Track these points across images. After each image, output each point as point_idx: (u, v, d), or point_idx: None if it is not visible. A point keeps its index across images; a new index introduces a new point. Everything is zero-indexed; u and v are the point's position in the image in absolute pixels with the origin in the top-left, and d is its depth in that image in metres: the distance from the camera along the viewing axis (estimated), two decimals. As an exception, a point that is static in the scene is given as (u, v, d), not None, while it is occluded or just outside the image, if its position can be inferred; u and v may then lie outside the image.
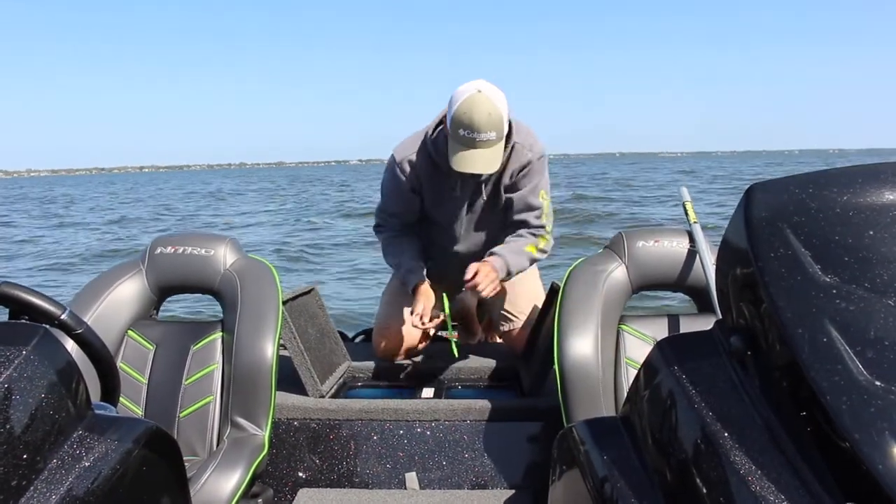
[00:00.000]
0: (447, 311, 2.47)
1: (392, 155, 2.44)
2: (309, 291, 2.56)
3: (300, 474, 2.16)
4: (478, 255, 2.50)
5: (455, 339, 2.48)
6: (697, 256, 2.14)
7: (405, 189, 2.42)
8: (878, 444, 0.67)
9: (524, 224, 2.44)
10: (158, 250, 2.19)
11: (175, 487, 1.09)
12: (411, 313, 2.38)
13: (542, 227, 2.45)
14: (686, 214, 2.33)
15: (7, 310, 1.14)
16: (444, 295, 2.52)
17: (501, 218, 2.51)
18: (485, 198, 2.44)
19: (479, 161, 2.16)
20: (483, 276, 2.26)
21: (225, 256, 2.17)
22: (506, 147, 2.28)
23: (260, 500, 1.95)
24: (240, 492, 1.76)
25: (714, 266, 1.92)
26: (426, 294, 2.44)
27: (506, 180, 2.41)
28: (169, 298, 2.30)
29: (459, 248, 2.58)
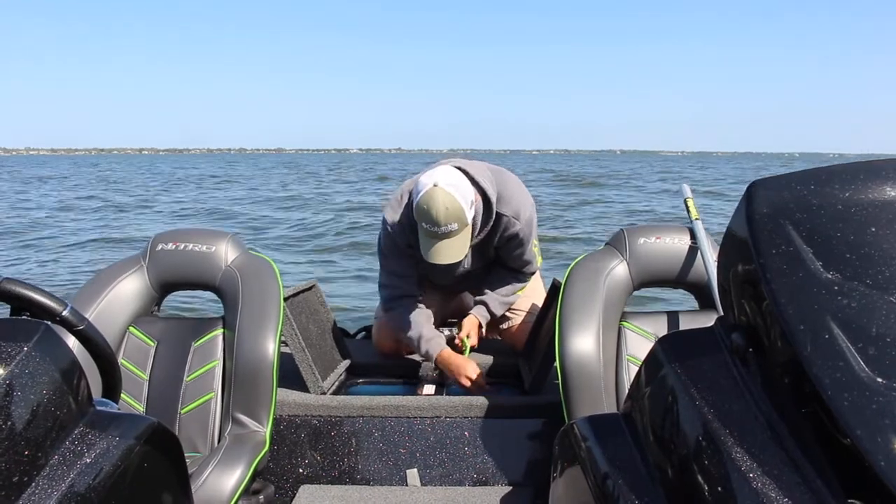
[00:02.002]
0: (466, 351, 2.48)
1: (384, 217, 2.41)
2: (310, 288, 2.56)
3: (301, 471, 2.16)
4: (469, 283, 2.65)
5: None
6: (699, 253, 2.14)
7: (402, 247, 2.40)
8: (880, 441, 0.67)
9: (519, 272, 2.58)
10: (159, 247, 2.19)
11: (176, 484, 1.09)
12: (460, 376, 2.35)
13: (535, 272, 2.63)
14: (687, 211, 2.33)
15: (8, 306, 1.14)
16: (464, 340, 2.52)
17: (491, 262, 2.60)
18: (469, 260, 2.49)
19: (446, 252, 2.19)
20: (472, 332, 2.52)
21: (226, 253, 2.17)
22: (487, 222, 2.31)
23: (261, 497, 1.95)
24: (241, 488, 1.76)
25: (715, 262, 1.92)
26: (457, 357, 2.40)
27: (494, 242, 2.44)
28: (170, 295, 2.30)
29: (453, 284, 2.64)
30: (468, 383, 2.31)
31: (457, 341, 2.49)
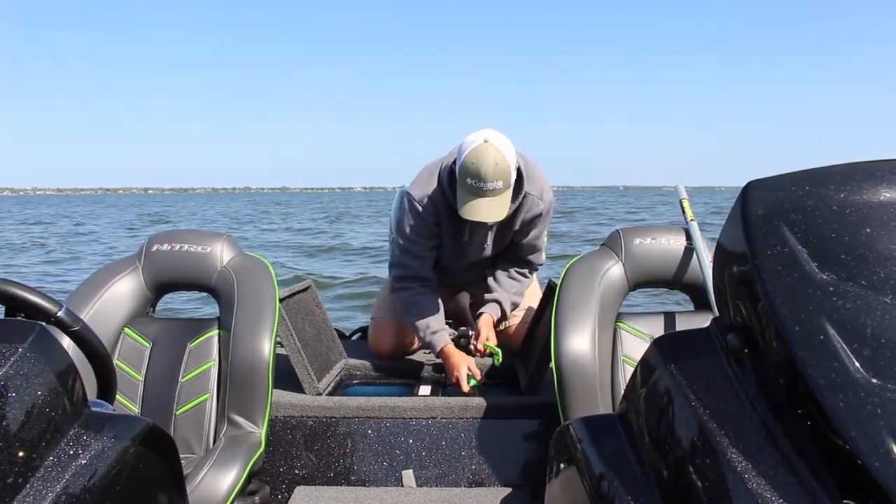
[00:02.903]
0: (498, 357, 2.45)
1: (408, 193, 2.40)
2: (306, 289, 2.55)
3: (297, 472, 2.16)
4: (477, 274, 2.63)
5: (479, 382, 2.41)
6: (694, 254, 2.14)
7: (430, 225, 2.39)
8: (875, 441, 0.67)
9: (528, 263, 2.60)
10: (155, 247, 2.19)
11: (172, 485, 1.09)
12: (457, 378, 2.34)
13: (542, 264, 2.64)
14: (683, 212, 2.33)
15: (3, 307, 1.13)
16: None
17: (504, 250, 2.61)
18: (490, 242, 2.51)
19: (486, 210, 2.20)
20: (490, 334, 2.48)
21: (221, 253, 2.17)
22: (516, 196, 2.32)
23: (257, 498, 1.95)
24: (236, 489, 1.76)
25: (711, 263, 1.93)
26: (458, 354, 2.40)
27: (515, 226, 2.45)
28: (165, 296, 2.29)
29: (460, 270, 2.62)
30: (462, 381, 2.31)
31: (478, 346, 2.43)
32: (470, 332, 2.51)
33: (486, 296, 2.56)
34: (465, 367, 2.32)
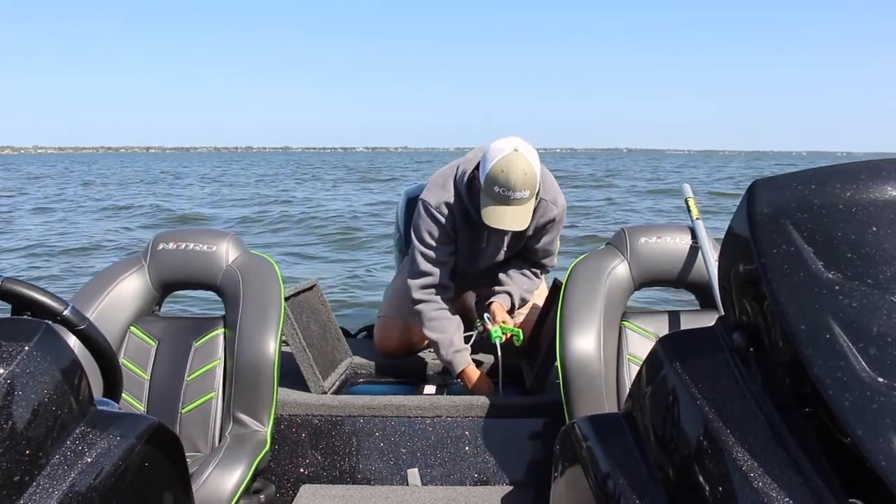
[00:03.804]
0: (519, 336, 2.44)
1: (425, 202, 2.38)
2: (311, 287, 2.56)
3: (302, 470, 2.16)
4: (488, 277, 2.62)
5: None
6: (700, 253, 2.14)
7: (448, 230, 2.39)
8: (881, 441, 0.67)
9: (540, 266, 2.61)
10: (160, 246, 2.19)
11: (177, 483, 1.09)
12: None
13: (553, 267, 2.65)
14: (689, 211, 2.33)
15: (10, 306, 1.14)
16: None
17: (517, 253, 2.61)
18: (505, 248, 2.52)
19: (511, 218, 2.21)
20: (503, 315, 2.46)
21: (227, 252, 2.17)
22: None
23: (262, 497, 1.95)
24: (242, 488, 1.76)
25: (716, 262, 1.92)
26: (478, 375, 2.39)
27: (529, 231, 2.46)
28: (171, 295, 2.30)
29: (473, 274, 2.62)
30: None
31: (496, 321, 2.41)
32: (481, 321, 2.48)
33: (497, 288, 2.56)
34: (484, 388, 2.33)
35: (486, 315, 2.46)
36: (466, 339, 2.46)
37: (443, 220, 2.37)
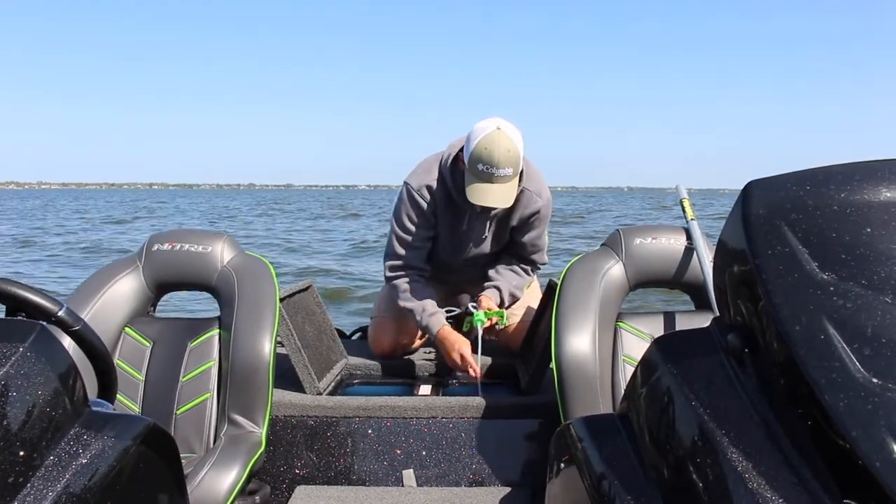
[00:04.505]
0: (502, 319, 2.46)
1: (407, 184, 2.43)
2: (306, 288, 2.55)
3: (297, 471, 2.16)
4: (475, 271, 2.64)
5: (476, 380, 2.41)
6: (695, 253, 2.14)
7: (427, 214, 2.42)
8: (876, 441, 0.67)
9: (531, 262, 2.62)
10: (155, 247, 2.19)
11: (172, 484, 1.09)
12: (456, 358, 2.37)
13: (545, 264, 2.66)
14: (683, 211, 2.33)
15: (4, 307, 1.13)
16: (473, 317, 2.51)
17: (504, 247, 2.62)
18: (489, 235, 2.52)
19: (495, 195, 2.23)
20: (489, 303, 2.48)
21: (222, 253, 2.17)
22: (518, 185, 2.33)
23: (257, 498, 1.95)
24: (237, 489, 1.76)
25: (711, 263, 1.93)
26: (456, 338, 2.42)
27: (513, 222, 2.48)
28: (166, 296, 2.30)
29: (458, 266, 2.63)
30: (458, 359, 2.34)
31: (482, 306, 2.44)
32: (471, 304, 2.51)
33: (486, 283, 2.57)
34: (466, 347, 2.37)
35: (471, 304, 2.50)
36: (449, 315, 2.50)
37: (423, 203, 2.40)
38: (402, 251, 2.47)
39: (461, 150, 2.33)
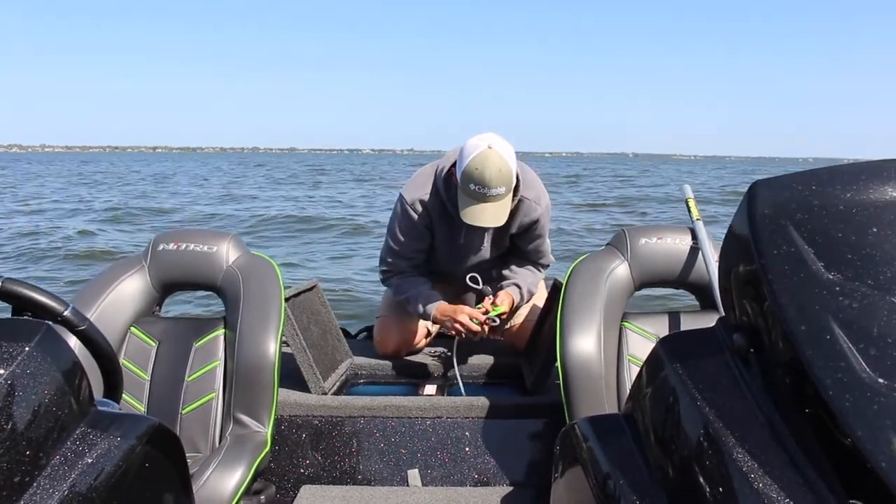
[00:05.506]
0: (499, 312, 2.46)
1: (402, 196, 2.44)
2: (311, 288, 2.56)
3: (302, 471, 2.16)
4: (478, 274, 2.61)
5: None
6: (700, 253, 2.14)
7: (420, 227, 2.42)
8: (882, 442, 0.67)
9: (537, 264, 2.62)
10: (161, 247, 2.19)
11: (178, 484, 1.09)
12: (462, 324, 2.38)
13: (549, 265, 2.66)
14: (689, 211, 2.33)
15: (10, 306, 1.14)
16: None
17: (504, 254, 2.62)
18: (487, 245, 2.53)
19: (488, 215, 2.23)
20: (506, 302, 2.47)
21: (227, 253, 2.17)
22: (513, 199, 2.34)
23: (262, 497, 1.95)
24: (242, 488, 1.76)
25: (717, 263, 1.92)
26: (455, 305, 2.44)
27: (513, 230, 2.47)
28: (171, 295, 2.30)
29: (460, 273, 2.63)
30: (468, 321, 2.35)
31: (486, 304, 2.45)
32: (488, 294, 2.52)
33: (505, 282, 2.57)
34: (465, 314, 2.38)
35: (489, 295, 2.49)
36: (473, 281, 2.51)
37: (415, 216, 2.40)
38: (393, 260, 2.51)
39: (454, 164, 2.32)
